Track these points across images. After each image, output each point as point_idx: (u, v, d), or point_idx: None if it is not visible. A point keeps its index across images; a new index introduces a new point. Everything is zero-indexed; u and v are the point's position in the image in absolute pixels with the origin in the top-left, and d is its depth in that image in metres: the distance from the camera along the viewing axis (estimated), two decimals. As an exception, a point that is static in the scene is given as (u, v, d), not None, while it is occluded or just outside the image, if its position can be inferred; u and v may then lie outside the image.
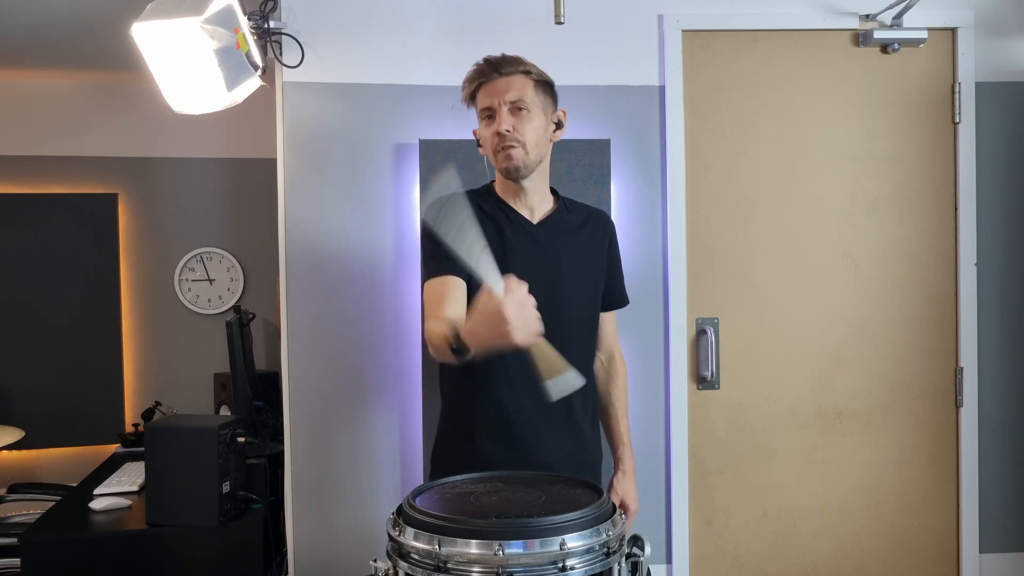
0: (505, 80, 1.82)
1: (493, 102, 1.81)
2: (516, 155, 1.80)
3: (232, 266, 4.33)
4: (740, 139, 2.71)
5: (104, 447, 3.92)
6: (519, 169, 1.82)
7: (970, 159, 2.73)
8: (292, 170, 2.55)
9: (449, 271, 1.76)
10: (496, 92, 1.81)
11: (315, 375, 2.55)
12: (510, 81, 1.82)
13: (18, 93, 4.14)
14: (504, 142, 1.80)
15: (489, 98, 1.82)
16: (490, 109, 1.83)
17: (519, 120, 1.81)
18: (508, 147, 1.80)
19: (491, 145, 1.83)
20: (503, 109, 1.80)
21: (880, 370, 2.74)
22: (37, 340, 4.12)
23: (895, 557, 2.74)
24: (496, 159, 1.83)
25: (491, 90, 1.82)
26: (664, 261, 2.67)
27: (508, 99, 1.80)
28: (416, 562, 1.27)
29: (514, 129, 1.80)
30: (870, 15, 2.69)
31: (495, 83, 1.82)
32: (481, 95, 1.85)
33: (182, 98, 2.20)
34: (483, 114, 1.85)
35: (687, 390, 2.68)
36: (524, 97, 1.81)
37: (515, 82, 1.82)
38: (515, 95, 1.81)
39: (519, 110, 1.81)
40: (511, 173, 1.83)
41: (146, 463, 2.31)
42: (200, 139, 4.22)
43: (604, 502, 1.37)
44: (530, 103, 1.82)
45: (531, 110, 1.82)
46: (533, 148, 1.82)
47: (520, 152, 1.80)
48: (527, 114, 1.81)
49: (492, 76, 1.83)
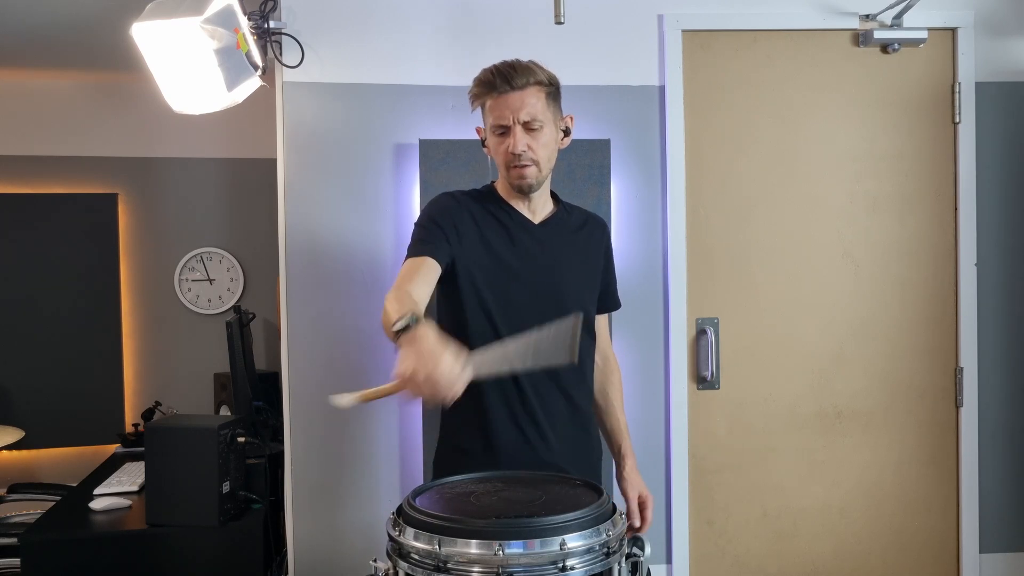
0: (519, 96, 1.76)
1: (507, 119, 1.76)
2: (530, 174, 1.79)
3: (232, 266, 4.33)
4: (740, 139, 2.71)
5: (104, 447, 3.91)
6: (532, 187, 1.82)
7: (970, 159, 2.73)
8: (292, 170, 2.55)
9: (428, 254, 1.75)
10: (510, 109, 1.76)
11: (315, 375, 2.55)
12: (523, 97, 1.76)
13: (18, 93, 4.14)
14: (519, 162, 1.78)
15: (502, 114, 1.77)
16: (503, 127, 1.78)
17: (533, 139, 1.77)
18: (523, 167, 1.78)
19: (503, 160, 1.80)
20: (517, 128, 1.76)
21: (880, 370, 2.74)
22: (37, 340, 4.12)
23: (895, 557, 2.74)
24: (509, 175, 1.81)
25: (504, 105, 1.76)
26: (664, 261, 2.67)
27: (522, 118, 1.75)
28: (416, 562, 1.27)
29: (529, 148, 1.77)
30: (870, 15, 2.69)
31: (508, 98, 1.76)
32: (492, 108, 1.79)
33: (182, 98, 2.20)
34: (495, 129, 1.80)
35: (687, 390, 2.68)
36: (538, 115, 1.77)
37: (528, 98, 1.76)
38: (528, 114, 1.76)
39: (532, 129, 1.77)
40: (523, 190, 1.82)
41: (146, 463, 2.30)
42: (200, 139, 4.21)
43: (604, 502, 1.37)
44: (543, 119, 1.78)
45: (544, 126, 1.79)
46: (546, 164, 1.82)
47: (534, 170, 1.79)
48: (540, 132, 1.78)
49: (504, 90, 1.76)
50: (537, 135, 1.78)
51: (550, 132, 1.81)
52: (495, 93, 1.77)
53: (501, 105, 1.77)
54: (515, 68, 1.77)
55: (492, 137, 1.83)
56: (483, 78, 1.80)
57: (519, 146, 1.76)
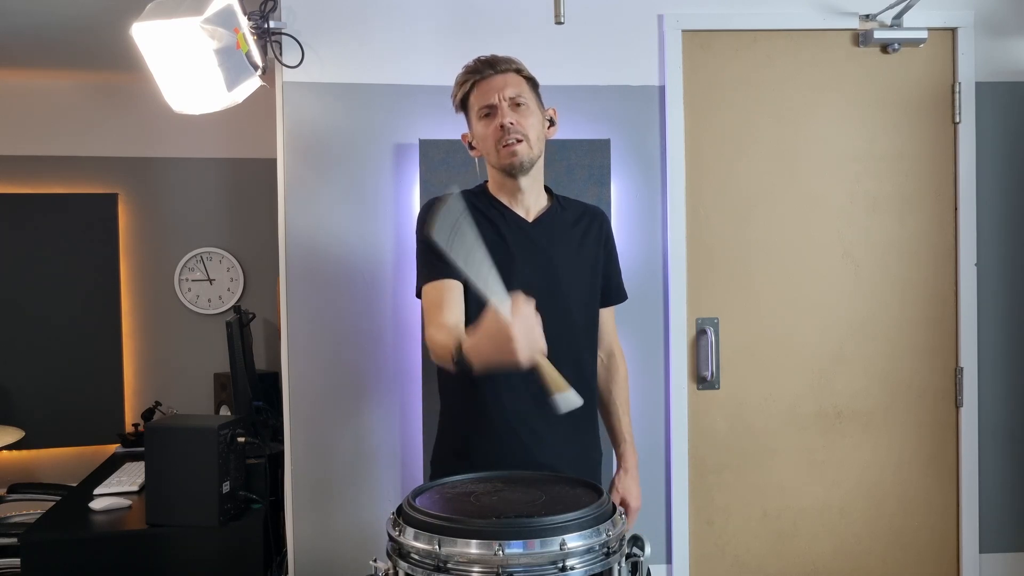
0: (501, 77, 1.84)
1: (492, 98, 1.82)
2: (521, 149, 1.81)
3: (232, 266, 4.33)
4: (740, 139, 2.71)
5: (104, 447, 3.91)
6: (523, 164, 1.82)
7: (970, 159, 2.73)
8: (292, 170, 2.55)
9: (446, 274, 1.76)
10: (494, 88, 1.82)
11: (315, 375, 2.55)
12: (506, 78, 1.84)
13: (18, 93, 4.14)
14: (508, 136, 1.80)
15: (487, 95, 1.83)
16: (489, 106, 1.83)
17: (520, 115, 1.82)
18: (513, 142, 1.80)
19: (493, 141, 1.82)
20: (504, 105, 1.81)
21: (880, 370, 2.74)
22: (37, 340, 4.13)
23: (895, 557, 2.74)
24: (499, 155, 1.82)
25: (488, 87, 1.83)
26: (664, 261, 2.67)
27: (508, 95, 1.82)
28: (416, 562, 1.27)
29: (517, 123, 1.80)
30: (870, 15, 2.69)
31: (492, 80, 1.84)
32: (477, 93, 1.85)
33: (182, 98, 2.20)
34: (481, 112, 1.85)
35: (687, 390, 2.68)
36: (522, 93, 1.84)
37: (511, 79, 1.84)
38: (514, 91, 1.83)
39: (518, 105, 1.82)
40: (514, 168, 1.82)
41: (146, 463, 2.30)
42: (200, 139, 4.22)
43: (604, 502, 1.36)
44: (528, 99, 1.84)
45: (529, 106, 1.84)
46: (535, 143, 1.84)
47: (524, 146, 1.81)
48: (526, 109, 1.83)
49: (487, 73, 1.84)
50: (523, 112, 1.83)
51: (535, 115, 1.86)
52: (478, 77, 1.85)
53: (485, 87, 1.84)
54: (497, 57, 1.87)
55: (479, 123, 1.86)
56: (467, 67, 1.88)
57: (508, 118, 1.80)
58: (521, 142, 1.80)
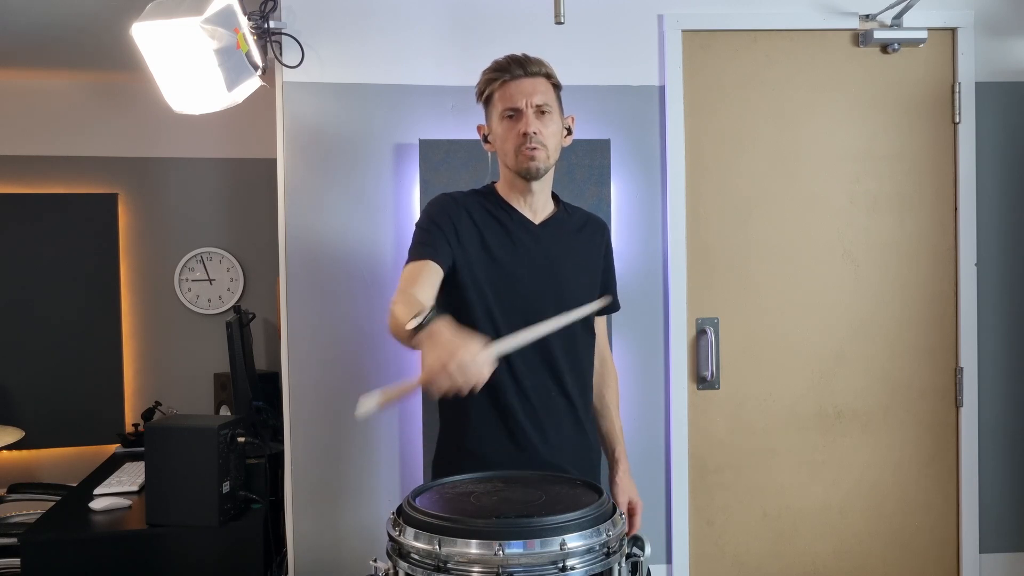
0: (531, 81, 1.82)
1: (519, 102, 1.80)
2: (539, 156, 1.81)
3: (232, 266, 4.33)
4: (740, 139, 2.71)
5: (104, 447, 3.91)
6: (539, 170, 1.83)
7: (970, 159, 2.73)
8: (292, 170, 2.55)
9: (428, 256, 1.76)
10: (523, 92, 1.81)
11: (315, 375, 2.55)
12: (535, 83, 1.82)
13: (18, 93, 4.14)
14: (530, 143, 1.80)
15: (514, 98, 1.81)
16: (514, 109, 1.81)
17: (543, 123, 1.81)
18: (533, 149, 1.80)
19: (513, 144, 1.82)
20: (530, 111, 1.80)
21: (880, 370, 2.74)
22: (37, 340, 4.12)
23: (895, 557, 2.74)
24: (517, 159, 1.82)
25: (517, 89, 1.81)
26: (664, 261, 2.67)
27: (535, 101, 1.80)
28: (416, 562, 1.27)
29: (540, 132, 1.80)
30: (870, 15, 2.69)
31: (520, 83, 1.82)
32: (503, 93, 1.83)
33: (182, 98, 2.20)
34: (504, 113, 1.83)
35: (687, 390, 2.68)
36: (549, 101, 1.83)
37: (540, 84, 1.82)
38: (542, 98, 1.81)
39: (543, 113, 1.81)
40: (531, 173, 1.83)
41: (146, 463, 2.30)
42: (200, 139, 4.21)
43: (604, 502, 1.37)
44: (553, 107, 1.84)
45: (553, 115, 1.84)
46: (553, 152, 1.84)
47: (543, 154, 1.81)
48: (550, 118, 1.83)
49: (518, 74, 1.82)
50: (547, 121, 1.82)
51: (557, 124, 1.85)
52: (508, 77, 1.83)
53: (513, 89, 1.82)
54: (528, 58, 1.85)
55: (500, 123, 1.84)
56: (497, 64, 1.85)
57: (532, 127, 1.79)
58: (540, 149, 1.81)
